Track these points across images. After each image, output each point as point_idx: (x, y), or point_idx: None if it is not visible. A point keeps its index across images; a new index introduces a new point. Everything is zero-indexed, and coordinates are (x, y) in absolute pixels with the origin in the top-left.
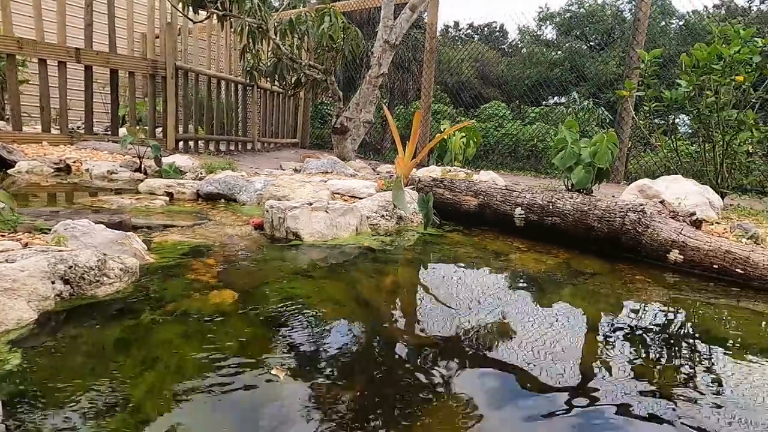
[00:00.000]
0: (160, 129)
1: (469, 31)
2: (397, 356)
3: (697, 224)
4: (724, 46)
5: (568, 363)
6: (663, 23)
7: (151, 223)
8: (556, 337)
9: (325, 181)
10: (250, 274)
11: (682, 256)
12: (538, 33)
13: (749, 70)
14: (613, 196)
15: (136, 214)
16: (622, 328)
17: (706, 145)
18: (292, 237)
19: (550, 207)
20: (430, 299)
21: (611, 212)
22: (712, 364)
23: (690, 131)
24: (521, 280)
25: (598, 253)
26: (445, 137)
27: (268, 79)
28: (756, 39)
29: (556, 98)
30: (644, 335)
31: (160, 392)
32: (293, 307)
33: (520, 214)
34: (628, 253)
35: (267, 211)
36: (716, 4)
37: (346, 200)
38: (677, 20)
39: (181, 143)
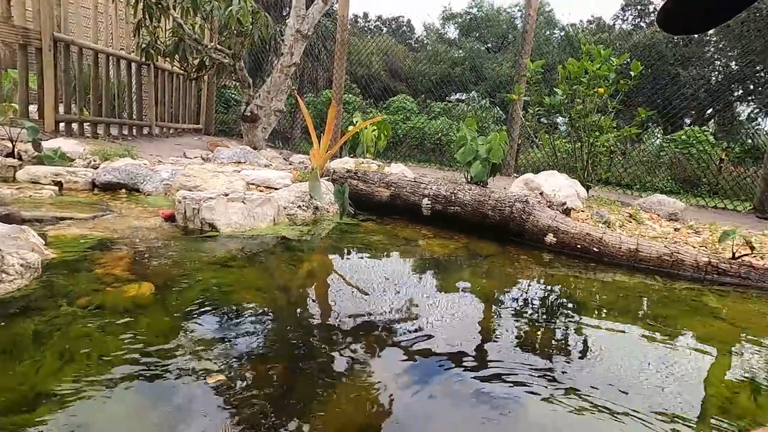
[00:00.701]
0: (35, 108)
1: (378, 23)
2: (315, 337)
3: (567, 212)
4: (589, 62)
5: (466, 331)
6: (548, 33)
7: (42, 216)
8: (457, 310)
9: (239, 172)
10: (166, 267)
11: (555, 239)
12: (442, 32)
13: (608, 84)
14: (504, 188)
15: (22, 205)
16: (510, 299)
17: (576, 145)
18: (207, 228)
19: (453, 198)
20: (346, 284)
21: (502, 202)
22: (579, 323)
23: (566, 132)
24: (428, 263)
25: (492, 237)
26: (358, 130)
27: (168, 59)
28: (612, 59)
29: (458, 95)
30: (527, 304)
31: (80, 383)
32: (216, 296)
33: (427, 204)
34: (515, 237)
35: (179, 202)
36: (589, 20)
37: (261, 191)
38: (559, 31)
39: (62, 125)
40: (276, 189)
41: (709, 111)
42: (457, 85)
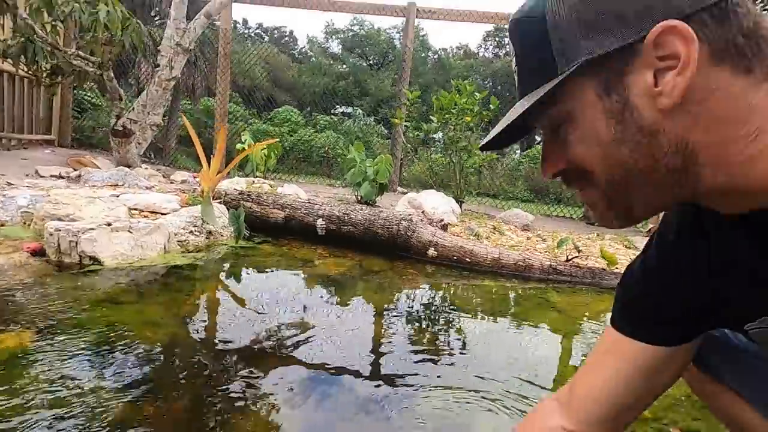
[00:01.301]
0: None
1: (258, 30)
2: (217, 365)
3: (445, 228)
4: (458, 96)
5: (359, 341)
6: (423, 54)
7: None
8: (351, 323)
9: (118, 196)
10: (43, 309)
11: (436, 252)
12: (326, 45)
13: (473, 115)
14: (391, 205)
15: None
16: (400, 309)
17: (450, 166)
18: (88, 262)
19: (346, 218)
20: (245, 307)
21: (390, 221)
22: (460, 325)
23: (442, 147)
24: (325, 282)
25: (383, 254)
26: (246, 146)
27: (9, 60)
28: (476, 93)
29: (343, 108)
30: (415, 312)
31: None
32: (108, 336)
33: (321, 225)
34: (403, 252)
35: (51, 234)
36: (458, 46)
37: (146, 216)
38: (432, 54)
39: None
40: (163, 214)
41: None
42: (342, 98)
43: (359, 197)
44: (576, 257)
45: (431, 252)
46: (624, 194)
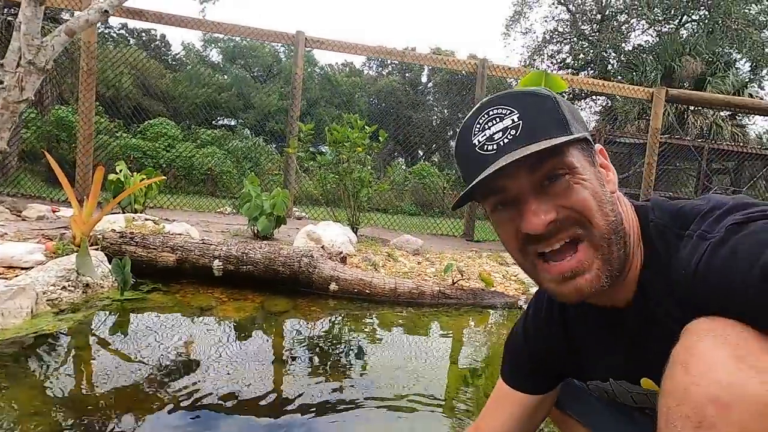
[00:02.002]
0: None
1: (122, 31)
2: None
3: (344, 260)
4: (350, 130)
5: (261, 384)
6: (309, 69)
7: None
8: (248, 369)
9: None
10: None
11: (338, 286)
12: (204, 54)
13: (364, 146)
14: (289, 235)
15: None
16: (304, 347)
17: (345, 195)
18: None
19: (245, 257)
20: (138, 372)
21: (291, 258)
22: (358, 352)
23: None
24: (225, 329)
25: (284, 292)
26: (122, 178)
27: None
28: (366, 127)
29: (227, 120)
30: (318, 346)
31: None
32: None
33: (218, 266)
34: (305, 288)
35: None
36: (343, 63)
37: (2, 275)
38: (319, 69)
39: None
40: (25, 269)
41: (434, 145)
42: (225, 110)
43: (256, 231)
44: (460, 279)
45: (333, 286)
46: (615, 246)
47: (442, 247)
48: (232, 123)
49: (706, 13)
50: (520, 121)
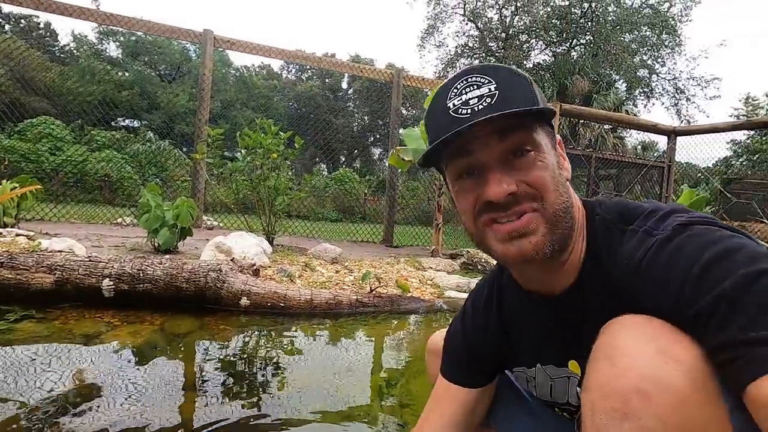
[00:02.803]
0: None
1: None
2: None
3: (257, 272)
4: (263, 135)
5: (169, 414)
6: (224, 71)
7: None
8: (151, 399)
9: None
10: None
11: (249, 301)
12: (100, 47)
13: (279, 152)
14: (196, 247)
15: None
16: (215, 369)
17: (259, 204)
18: None
19: (141, 275)
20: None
21: (197, 273)
22: (275, 369)
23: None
24: (119, 357)
25: (190, 311)
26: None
27: None
28: (281, 133)
29: (128, 121)
30: (231, 367)
31: None
32: None
33: (109, 286)
34: (213, 305)
35: None
36: (260, 66)
37: None
38: (234, 71)
39: None
40: None
41: (356, 152)
42: (126, 110)
43: (157, 245)
44: (378, 287)
45: (244, 301)
46: (563, 222)
47: (362, 254)
48: (136, 124)
49: (591, 38)
50: (497, 91)
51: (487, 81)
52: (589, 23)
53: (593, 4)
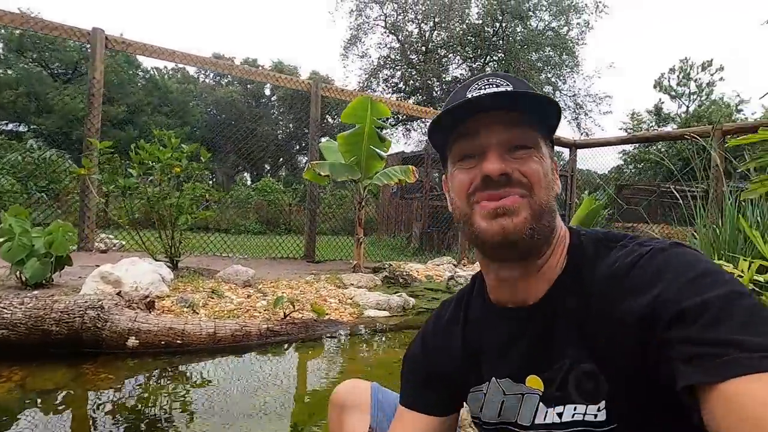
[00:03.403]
0: None
1: None
2: None
3: (151, 305)
4: (161, 149)
5: None
6: (131, 72)
7: None
8: None
9: None
10: None
11: (138, 341)
12: None
13: (181, 167)
14: (79, 277)
15: None
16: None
17: (159, 224)
18: None
19: None
20: None
21: (70, 313)
22: (167, 422)
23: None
24: None
25: (64, 358)
26: None
27: None
28: (183, 146)
29: (12, 125)
30: (113, 426)
31: None
32: None
33: None
34: (92, 348)
35: None
36: (174, 69)
37: None
38: (144, 72)
39: None
40: None
41: (281, 160)
42: (10, 113)
43: (24, 279)
44: (292, 311)
45: (132, 342)
46: (546, 219)
47: (280, 273)
48: (22, 128)
49: (503, 55)
50: (513, 89)
51: (505, 83)
52: (501, 41)
53: (503, 24)
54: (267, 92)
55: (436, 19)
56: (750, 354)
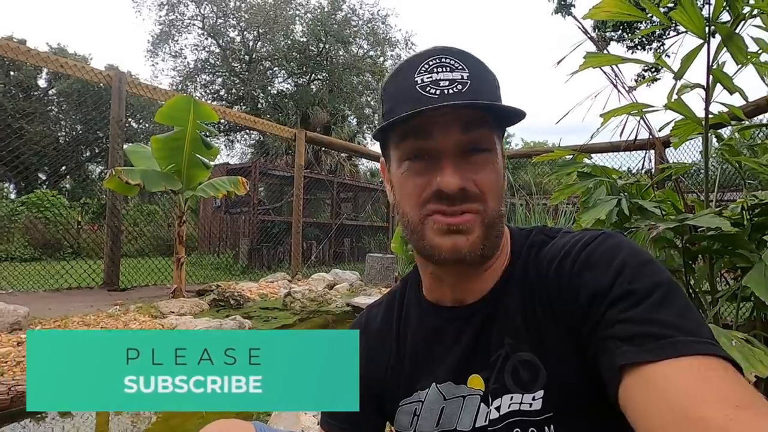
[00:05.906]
0: None
1: None
2: None
3: None
4: None
5: None
6: None
7: None
8: None
9: None
10: None
11: None
12: None
13: None
14: None
15: None
16: None
17: None
18: None
19: None
20: None
21: None
22: None
23: None
24: None
25: None
26: None
27: None
28: None
29: None
30: None
31: None
32: None
33: None
34: None
35: None
36: None
37: None
38: None
39: None
40: None
41: (64, 168)
42: None
43: None
44: None
45: None
46: (496, 229)
47: (69, 307)
48: None
49: (327, 75)
50: (469, 81)
51: (460, 67)
52: (325, 62)
53: (327, 46)
54: (42, 83)
55: (260, 30)
56: (687, 337)
